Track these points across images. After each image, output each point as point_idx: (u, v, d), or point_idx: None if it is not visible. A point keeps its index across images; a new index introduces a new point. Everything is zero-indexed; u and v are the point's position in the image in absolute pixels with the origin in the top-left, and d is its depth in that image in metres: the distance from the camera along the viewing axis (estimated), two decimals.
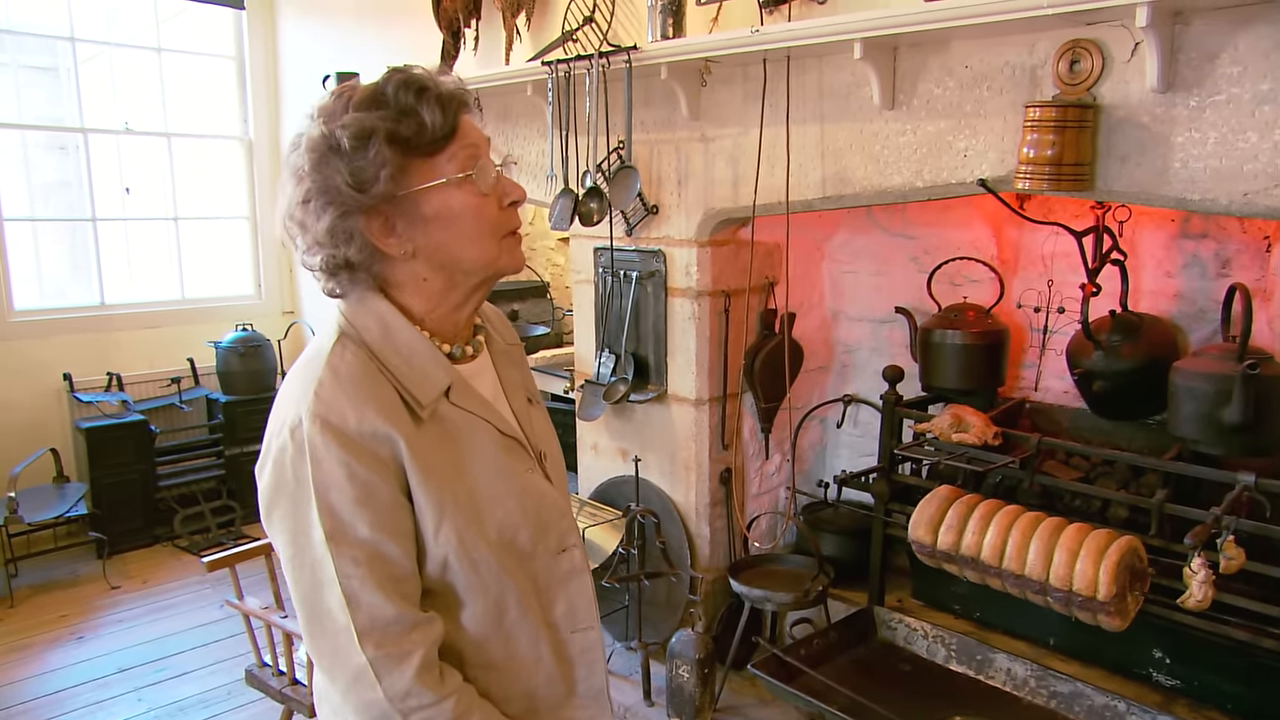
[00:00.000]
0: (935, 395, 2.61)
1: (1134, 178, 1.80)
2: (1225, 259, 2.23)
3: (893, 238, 2.80)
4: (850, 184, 2.27)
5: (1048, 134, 1.78)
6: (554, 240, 4.72)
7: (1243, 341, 1.95)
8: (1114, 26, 1.76)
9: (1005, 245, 2.60)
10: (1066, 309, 2.45)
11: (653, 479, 2.93)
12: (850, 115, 2.24)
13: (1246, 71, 1.64)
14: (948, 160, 2.08)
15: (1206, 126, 1.70)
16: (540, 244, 4.78)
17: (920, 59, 2.08)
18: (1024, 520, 2.03)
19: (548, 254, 4.80)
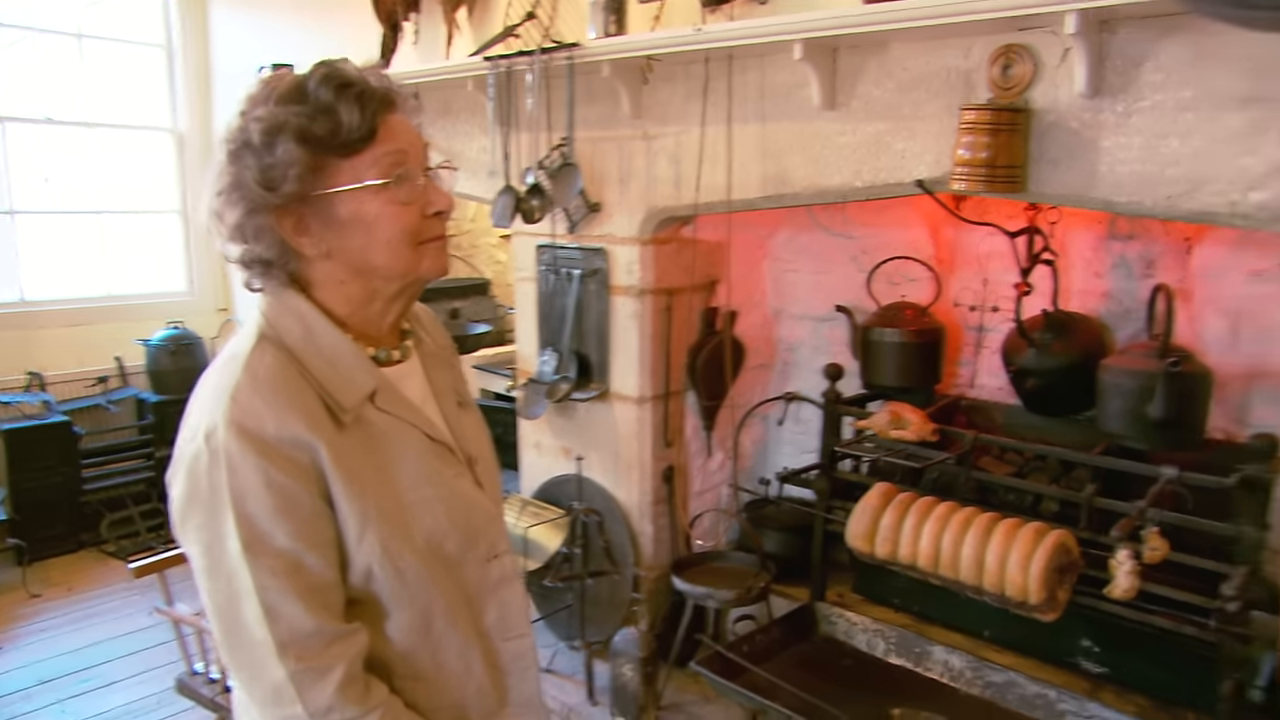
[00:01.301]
0: (875, 393, 2.65)
1: (1064, 180, 1.85)
2: (1150, 260, 2.30)
3: (833, 237, 2.83)
4: (791, 183, 2.29)
5: (982, 136, 1.82)
6: (496, 237, 4.68)
7: (1165, 340, 2.02)
8: (1045, 33, 1.81)
9: (942, 245, 2.65)
10: (1001, 308, 2.51)
11: (596, 477, 2.92)
12: (791, 115, 2.26)
13: (1169, 79, 1.70)
14: (886, 161, 2.11)
15: (1132, 132, 1.75)
16: (483, 240, 4.73)
17: (860, 61, 2.11)
18: (956, 522, 2.07)
19: (490, 251, 4.76)
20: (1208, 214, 1.71)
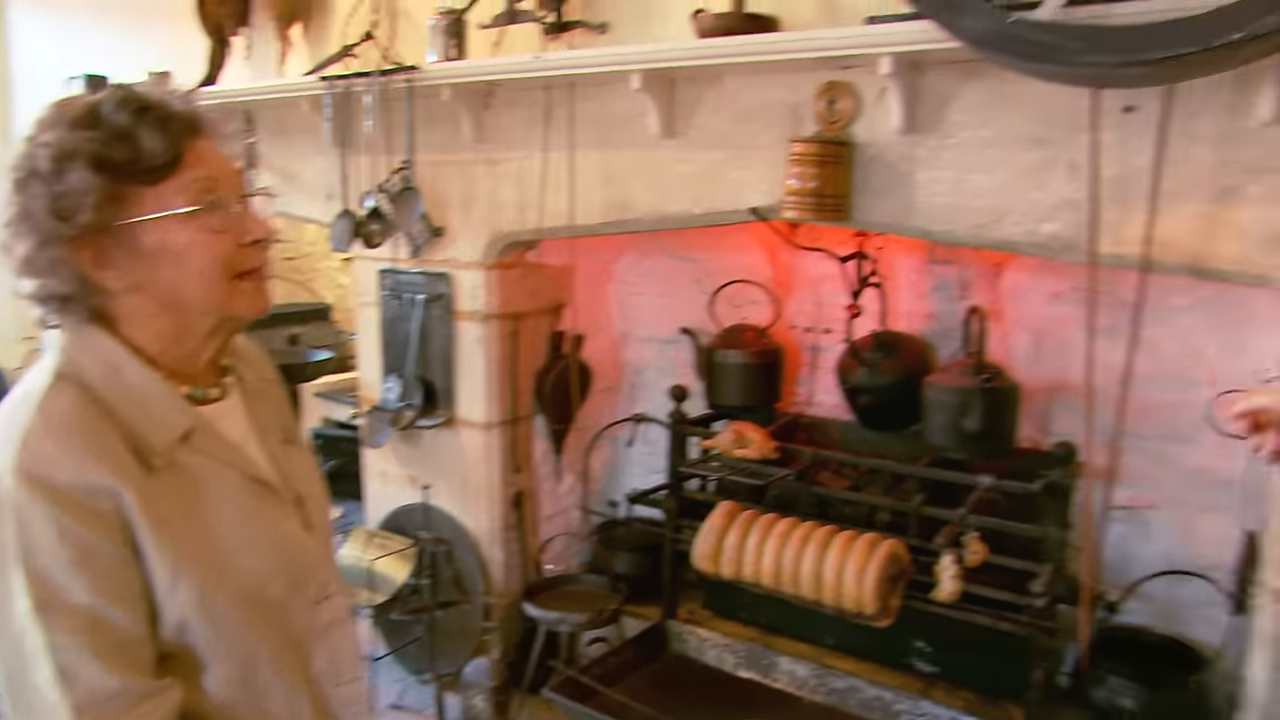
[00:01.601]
0: (719, 412, 2.72)
1: (885, 209, 1.97)
2: (966, 283, 2.48)
3: (677, 261, 2.90)
4: (633, 210, 2.34)
5: (810, 168, 1.92)
6: (339, 260, 4.52)
7: (979, 358, 2.17)
8: (864, 72, 1.92)
9: (780, 268, 2.76)
10: (834, 330, 2.63)
11: (444, 505, 2.86)
12: (632, 143, 2.30)
13: (972, 119, 1.85)
14: (723, 189, 2.18)
15: (943, 166, 1.89)
16: (324, 264, 4.57)
17: (697, 92, 2.18)
18: (795, 538, 2.16)
19: (332, 274, 4.59)
20: (1009, 243, 1.86)
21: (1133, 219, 1.72)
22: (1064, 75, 1.58)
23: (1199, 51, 1.25)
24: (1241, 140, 1.62)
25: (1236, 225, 1.65)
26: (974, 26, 1.38)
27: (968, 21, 1.39)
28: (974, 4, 1.39)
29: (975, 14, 1.39)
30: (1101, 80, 1.58)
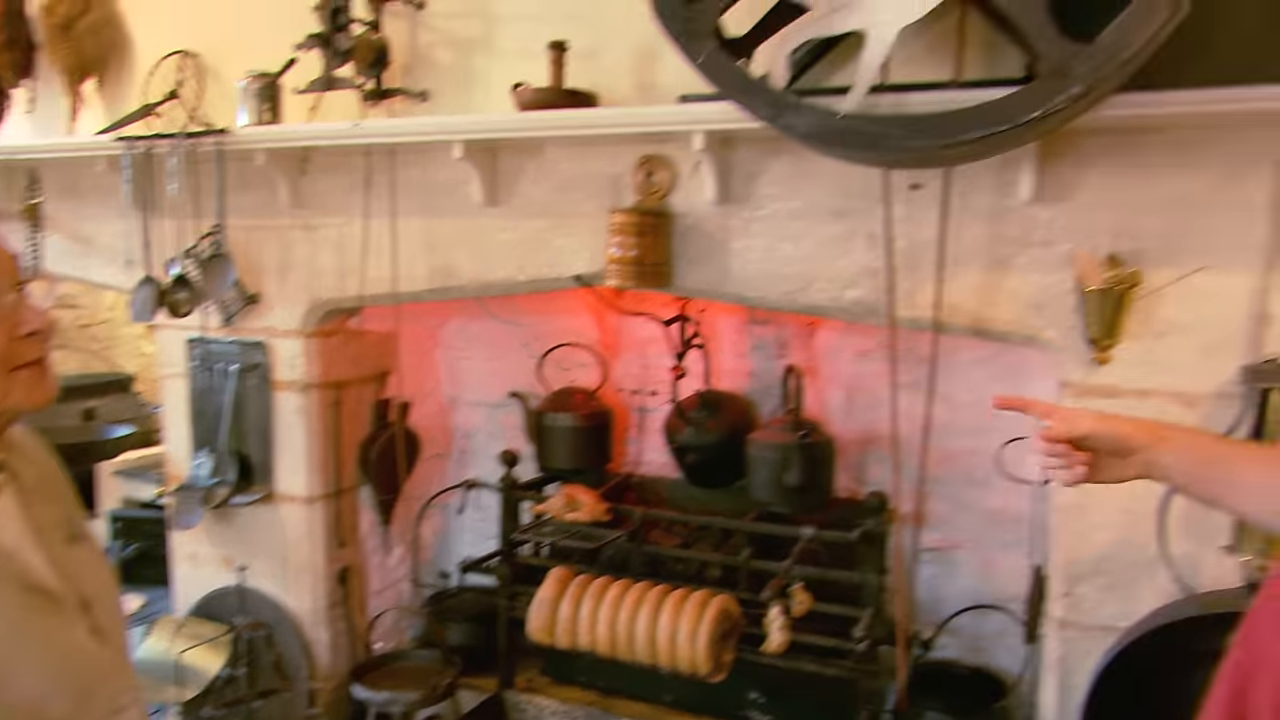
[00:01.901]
0: (550, 475, 2.72)
1: (703, 276, 2.05)
2: (783, 342, 2.61)
3: (505, 325, 2.90)
4: (457, 276, 2.33)
5: (630, 237, 1.98)
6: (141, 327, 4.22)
7: (797, 414, 2.29)
8: (679, 146, 2.02)
9: (607, 331, 2.82)
10: (660, 391, 2.70)
11: (263, 587, 2.69)
12: (455, 211, 2.30)
13: (780, 192, 1.97)
14: (547, 256, 2.21)
15: (755, 235, 2.00)
16: (124, 332, 4.25)
17: (519, 162, 2.21)
18: (629, 602, 2.18)
19: (134, 343, 4.28)
20: (818, 308, 1.98)
21: (924, 285, 1.88)
22: (887, 160, 1.72)
23: (1009, 129, 1.39)
24: (1008, 217, 1.82)
25: (1009, 291, 1.84)
26: (805, 123, 1.48)
27: (798, 120, 1.49)
28: (802, 104, 1.50)
29: (803, 112, 1.49)
30: (921, 162, 1.72)
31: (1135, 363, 1.77)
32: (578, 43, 2.07)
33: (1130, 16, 1.31)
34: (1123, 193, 1.74)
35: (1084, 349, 1.79)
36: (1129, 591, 1.82)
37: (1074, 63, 1.33)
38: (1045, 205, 1.79)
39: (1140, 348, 1.76)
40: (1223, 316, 1.71)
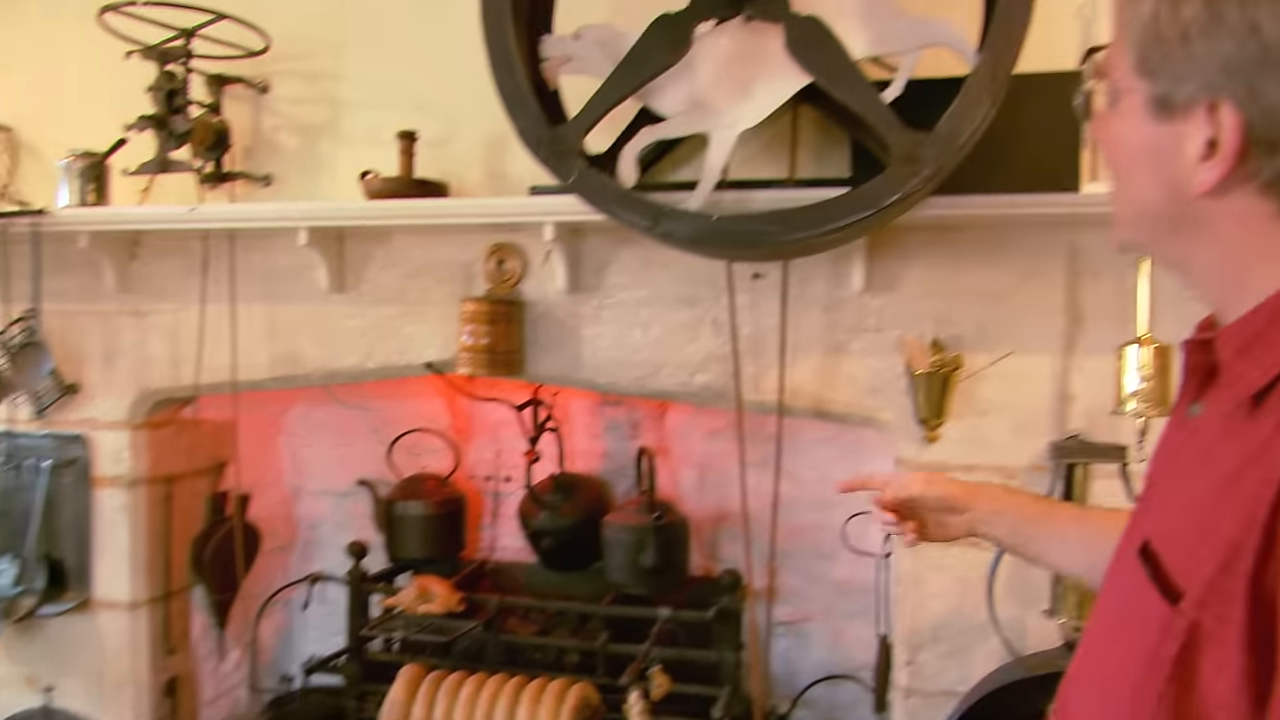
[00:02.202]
0: (401, 566, 2.62)
1: (555, 364, 2.07)
2: (636, 423, 2.65)
3: (352, 410, 2.81)
4: (302, 364, 2.25)
5: (482, 325, 1.98)
6: None
7: (650, 495, 2.32)
8: (530, 235, 2.05)
9: (459, 415, 2.77)
10: (513, 476, 2.67)
11: (74, 707, 2.44)
12: (300, 297, 2.24)
13: (630, 280, 2.03)
14: (397, 344, 2.18)
15: (605, 323, 2.04)
16: None
17: (367, 248, 2.18)
18: (484, 699, 2.11)
19: None
20: (667, 392, 2.04)
21: (768, 370, 1.97)
22: (765, 254, 1.79)
23: (876, 212, 1.48)
24: (843, 305, 1.94)
25: (846, 375, 1.95)
26: (684, 229, 1.54)
27: (677, 226, 1.55)
28: (679, 211, 1.55)
29: (681, 219, 1.55)
30: (800, 252, 1.80)
31: (961, 440, 1.91)
32: (428, 132, 2.08)
33: (960, 106, 1.45)
34: (942, 284, 1.89)
35: (915, 428, 1.92)
36: (965, 657, 1.93)
37: (920, 150, 1.46)
38: (875, 295, 1.92)
39: (965, 426, 1.90)
40: (1032, 397, 1.87)
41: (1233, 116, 0.66)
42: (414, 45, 2.15)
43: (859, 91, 1.51)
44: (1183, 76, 0.68)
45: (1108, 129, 0.78)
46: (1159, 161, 0.72)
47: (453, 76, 2.10)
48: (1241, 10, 0.64)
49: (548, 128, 1.56)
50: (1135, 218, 0.79)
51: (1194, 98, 0.68)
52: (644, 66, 1.59)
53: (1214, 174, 0.68)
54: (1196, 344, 0.78)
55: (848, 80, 1.51)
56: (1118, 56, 0.74)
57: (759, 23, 1.59)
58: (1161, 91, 0.70)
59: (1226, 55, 0.65)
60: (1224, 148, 0.67)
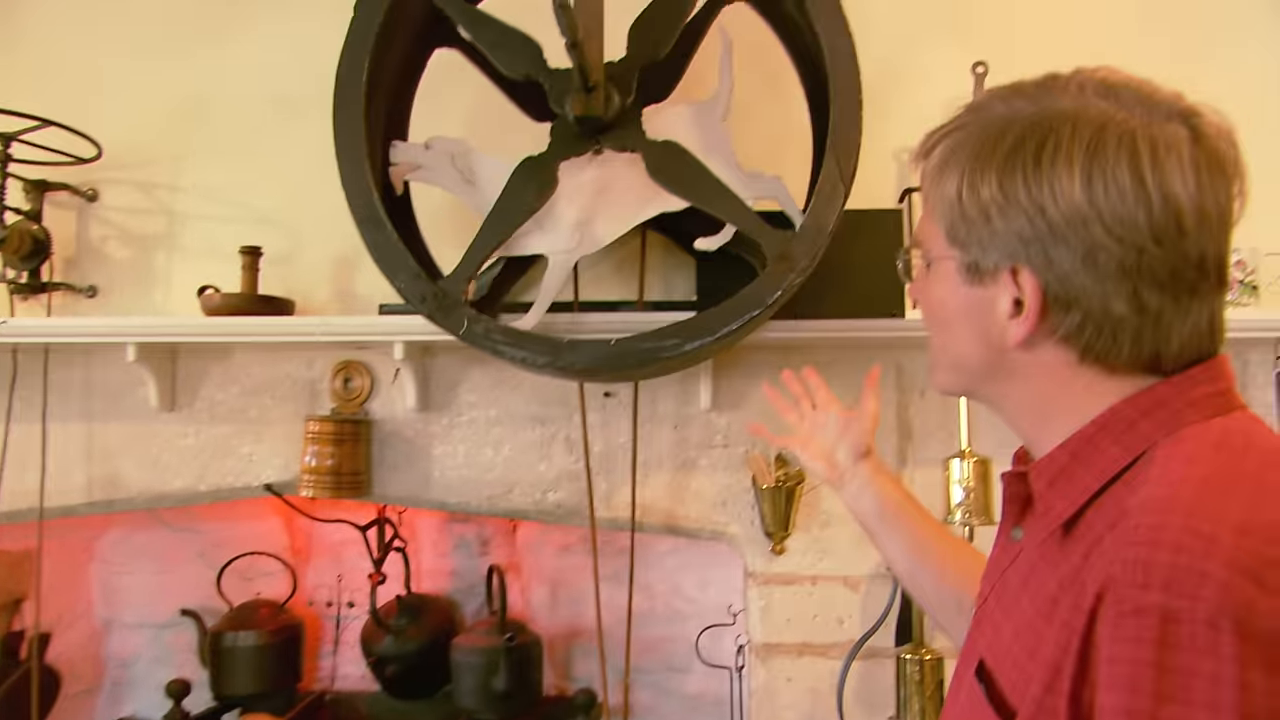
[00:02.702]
0: (229, 704, 2.42)
1: (403, 483, 2.01)
2: (486, 539, 2.59)
3: (178, 533, 2.61)
4: (124, 488, 2.08)
5: (326, 446, 1.91)
6: None
7: (501, 616, 2.26)
8: (379, 353, 2.01)
9: (298, 535, 2.63)
10: (356, 602, 2.55)
11: None
12: (125, 415, 2.09)
13: (481, 399, 2.02)
14: (233, 464, 2.06)
15: (456, 442, 2.01)
16: None
17: (203, 364, 2.07)
18: None
19: None
20: (520, 511, 2.01)
21: (620, 487, 1.99)
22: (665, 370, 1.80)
23: (763, 310, 1.53)
24: (691, 423, 2.00)
25: (695, 490, 1.99)
26: (583, 358, 1.54)
27: (576, 356, 1.54)
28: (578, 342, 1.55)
29: (580, 349, 1.54)
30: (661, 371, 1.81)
31: (806, 551, 1.97)
32: (273, 247, 2.03)
33: (818, 203, 1.55)
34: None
35: (763, 540, 1.97)
36: None
37: (791, 246, 1.54)
38: (721, 413, 1.99)
39: (809, 538, 1.97)
40: None
41: (1032, 280, 0.76)
42: (260, 158, 2.12)
43: (724, 202, 1.60)
44: (988, 247, 0.77)
45: (927, 291, 0.87)
46: (975, 319, 0.81)
47: (300, 192, 2.07)
48: (1028, 193, 0.74)
49: (429, 283, 1.56)
50: (955, 367, 0.87)
51: (999, 265, 0.77)
52: (515, 212, 1.62)
53: (1022, 330, 0.77)
54: (1013, 476, 0.87)
55: (712, 193, 1.60)
56: (930, 228, 0.84)
57: (609, 153, 1.67)
58: (971, 259, 0.79)
59: (1021, 230, 0.75)
60: (1027, 307, 0.76)
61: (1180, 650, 0.58)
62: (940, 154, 0.81)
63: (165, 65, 2.17)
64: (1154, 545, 0.62)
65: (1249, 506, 0.62)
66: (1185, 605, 0.58)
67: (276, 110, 2.12)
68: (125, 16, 2.19)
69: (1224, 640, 0.57)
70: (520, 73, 1.64)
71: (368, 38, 1.61)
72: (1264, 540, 0.60)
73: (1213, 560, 0.59)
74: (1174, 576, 0.59)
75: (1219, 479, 0.66)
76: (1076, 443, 0.78)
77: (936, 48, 2.07)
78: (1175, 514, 0.63)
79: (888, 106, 1.97)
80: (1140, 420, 0.74)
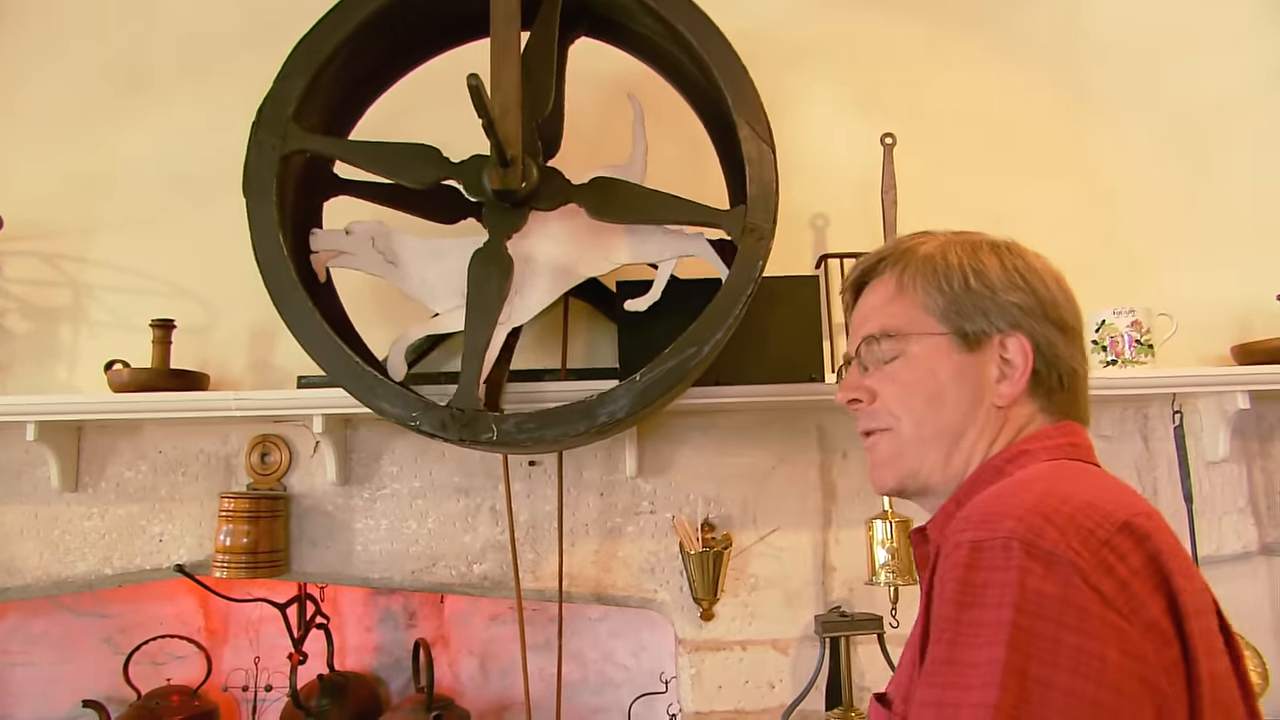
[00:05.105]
0: None
1: (324, 560, 1.96)
2: (412, 611, 2.52)
3: (80, 618, 2.47)
4: (21, 574, 1.98)
5: (242, 524, 1.85)
6: None
7: (429, 692, 2.18)
8: (298, 426, 1.96)
9: (213, 614, 2.52)
10: (275, 684, 2.44)
11: None
12: (23, 496, 1.99)
13: (403, 471, 1.98)
14: (142, 545, 1.98)
15: (379, 515, 1.97)
16: None
17: (110, 441, 1.99)
18: None
19: None
20: (445, 585, 1.97)
21: (548, 556, 1.96)
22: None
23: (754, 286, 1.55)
24: (618, 489, 1.99)
25: (622, 558, 1.98)
26: (619, 408, 1.52)
27: (616, 407, 1.53)
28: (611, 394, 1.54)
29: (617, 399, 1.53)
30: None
31: (735, 616, 1.97)
32: (186, 320, 1.98)
33: (753, 170, 1.60)
34: (708, 466, 2.00)
35: (692, 606, 1.96)
36: None
37: (752, 217, 1.57)
38: (647, 478, 1.99)
39: (738, 602, 1.97)
40: (798, 569, 1.98)
41: (1024, 344, 0.93)
42: (171, 231, 2.07)
43: (674, 209, 1.63)
44: (991, 316, 0.94)
45: (898, 376, 0.98)
46: (968, 381, 0.94)
47: (213, 264, 2.03)
48: (1025, 279, 0.95)
49: (443, 409, 1.51)
50: (923, 442, 0.96)
51: (995, 331, 0.94)
52: (492, 303, 1.60)
53: (1016, 386, 0.93)
54: (918, 534, 1.00)
55: (658, 206, 1.63)
56: (911, 315, 0.97)
57: (529, 225, 1.67)
58: (974, 329, 0.94)
59: (1020, 303, 0.94)
60: (1017, 367, 0.93)
61: (980, 568, 0.72)
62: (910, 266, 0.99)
63: (67, 142, 2.12)
64: (972, 509, 0.79)
65: (1055, 485, 0.81)
66: (987, 536, 0.73)
67: (181, 189, 2.09)
68: (21, 93, 2.15)
69: (1013, 554, 0.71)
70: (430, 181, 1.61)
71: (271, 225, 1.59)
72: (1059, 500, 0.76)
73: (1013, 508, 0.75)
74: (984, 521, 0.75)
75: (1038, 478, 0.84)
76: (961, 492, 0.93)
77: (847, 121, 2.15)
78: (993, 493, 0.82)
79: (803, 177, 2.03)
80: (1006, 465, 0.91)
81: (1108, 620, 0.69)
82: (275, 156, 1.58)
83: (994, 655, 0.68)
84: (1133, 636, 0.69)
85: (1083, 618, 0.68)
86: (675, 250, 1.68)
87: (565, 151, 1.78)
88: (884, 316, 0.99)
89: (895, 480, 0.99)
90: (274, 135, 1.59)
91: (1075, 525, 0.73)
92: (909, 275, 0.98)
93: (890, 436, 0.98)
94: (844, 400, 1.04)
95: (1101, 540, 0.72)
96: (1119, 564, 0.72)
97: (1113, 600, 0.70)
